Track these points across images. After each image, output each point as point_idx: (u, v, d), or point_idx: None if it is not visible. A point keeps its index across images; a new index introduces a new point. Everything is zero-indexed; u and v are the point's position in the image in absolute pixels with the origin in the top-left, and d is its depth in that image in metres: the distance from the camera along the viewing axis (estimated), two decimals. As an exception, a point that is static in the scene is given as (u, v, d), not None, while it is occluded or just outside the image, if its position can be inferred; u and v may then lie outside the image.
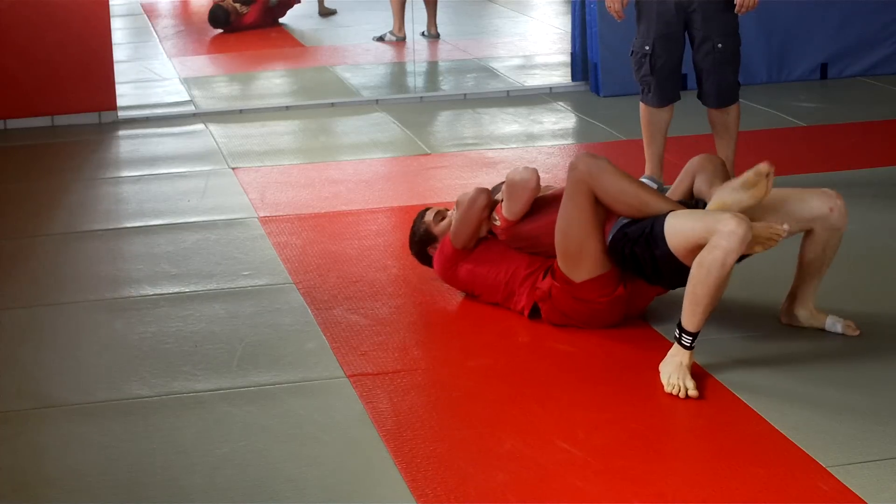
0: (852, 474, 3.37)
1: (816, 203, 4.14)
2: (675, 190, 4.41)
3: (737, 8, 5.44)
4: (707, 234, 3.84)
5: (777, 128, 6.97)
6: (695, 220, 3.95)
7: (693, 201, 4.29)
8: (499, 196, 4.49)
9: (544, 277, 4.34)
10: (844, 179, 5.89)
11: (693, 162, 4.39)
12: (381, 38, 9.51)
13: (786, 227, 3.95)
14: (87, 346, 4.36)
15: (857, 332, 4.24)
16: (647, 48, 5.56)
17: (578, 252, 4.17)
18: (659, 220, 4.03)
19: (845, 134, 6.87)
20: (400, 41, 9.45)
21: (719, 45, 5.50)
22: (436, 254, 4.61)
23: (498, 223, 4.45)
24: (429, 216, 4.70)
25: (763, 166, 3.97)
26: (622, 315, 4.32)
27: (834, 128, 7.00)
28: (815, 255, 4.19)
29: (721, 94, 5.58)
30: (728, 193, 4.02)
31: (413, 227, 4.74)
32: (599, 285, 4.21)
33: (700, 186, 4.29)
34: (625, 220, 4.15)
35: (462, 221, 4.48)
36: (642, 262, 4.09)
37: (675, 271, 4.02)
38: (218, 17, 10.08)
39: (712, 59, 5.52)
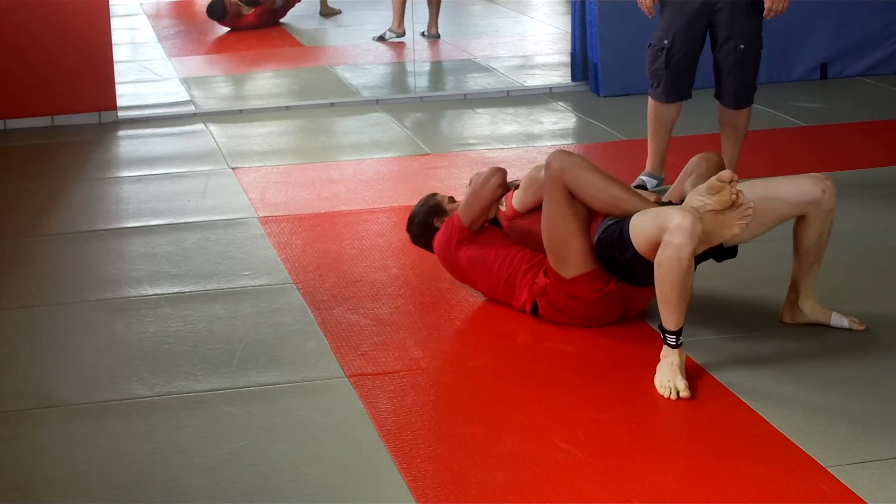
0: (852, 474, 3.37)
1: (808, 187, 4.15)
2: (676, 188, 4.40)
3: (766, 12, 5.44)
4: (659, 230, 3.86)
5: (777, 128, 6.97)
6: (650, 217, 3.96)
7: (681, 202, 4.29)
8: (515, 182, 4.49)
9: (542, 272, 4.34)
10: (844, 179, 5.87)
11: (692, 161, 4.40)
12: (381, 38, 9.50)
13: (751, 203, 3.95)
14: (87, 346, 4.36)
15: (863, 327, 4.25)
16: (665, 42, 5.55)
17: (564, 249, 4.18)
18: (627, 221, 4.04)
19: (845, 134, 6.87)
20: (399, 38, 9.44)
21: (742, 46, 5.49)
22: (441, 228, 4.58)
23: (503, 209, 4.45)
24: (440, 196, 4.74)
25: (725, 173, 3.97)
26: (620, 312, 4.32)
27: (834, 128, 7.00)
28: (812, 241, 4.19)
29: (738, 95, 5.57)
30: (695, 197, 4.02)
31: (420, 203, 4.73)
32: (589, 281, 4.21)
33: (687, 188, 4.30)
34: (609, 222, 4.15)
35: (474, 196, 4.47)
36: (620, 265, 4.10)
37: (647, 271, 4.02)
38: (215, 9, 10.12)
39: (733, 60, 5.51)
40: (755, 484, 3.35)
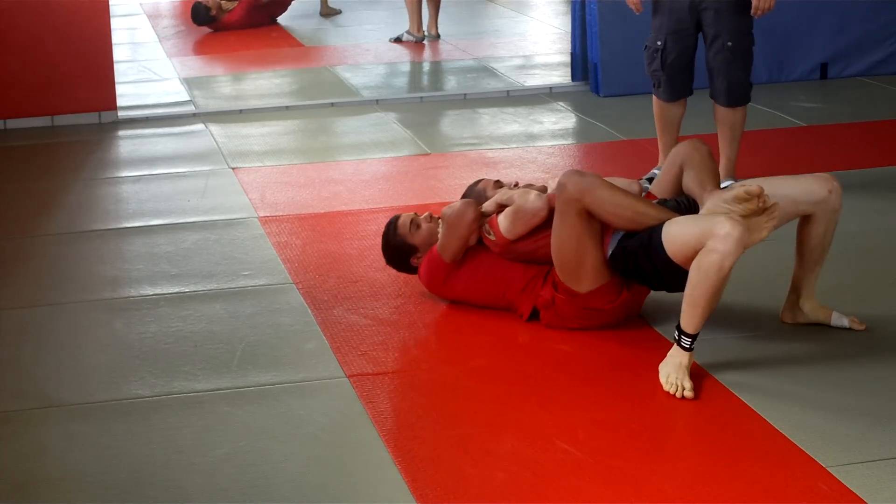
0: (852, 474, 3.37)
1: (815, 187, 4.15)
2: (663, 179, 4.38)
3: (753, 10, 5.44)
4: (703, 237, 3.83)
5: (777, 128, 6.97)
6: (691, 225, 3.94)
7: (683, 197, 4.27)
8: (488, 207, 4.45)
9: (544, 284, 4.33)
10: (845, 179, 5.84)
11: (678, 151, 4.37)
12: (398, 39, 9.49)
13: (777, 204, 3.95)
14: (87, 346, 4.36)
15: (863, 327, 4.24)
16: (658, 43, 5.60)
17: (578, 267, 4.17)
18: (656, 229, 4.03)
19: (845, 134, 6.87)
20: (419, 41, 9.44)
21: (729, 44, 5.50)
22: (423, 266, 4.54)
23: (492, 238, 4.41)
24: (402, 227, 4.59)
25: (754, 188, 3.94)
26: (626, 315, 4.32)
27: (834, 128, 7.00)
28: (817, 241, 4.19)
29: (732, 92, 5.58)
30: (719, 205, 4.00)
31: (386, 237, 4.64)
32: (604, 293, 4.21)
33: (689, 184, 4.25)
34: (623, 233, 4.14)
35: (451, 236, 4.42)
36: (646, 272, 4.09)
37: (677, 277, 4.01)
38: (199, 12, 10.10)
39: (722, 58, 5.53)
40: (755, 484, 3.35)
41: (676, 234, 3.97)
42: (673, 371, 3.88)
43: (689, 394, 3.82)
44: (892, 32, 7.97)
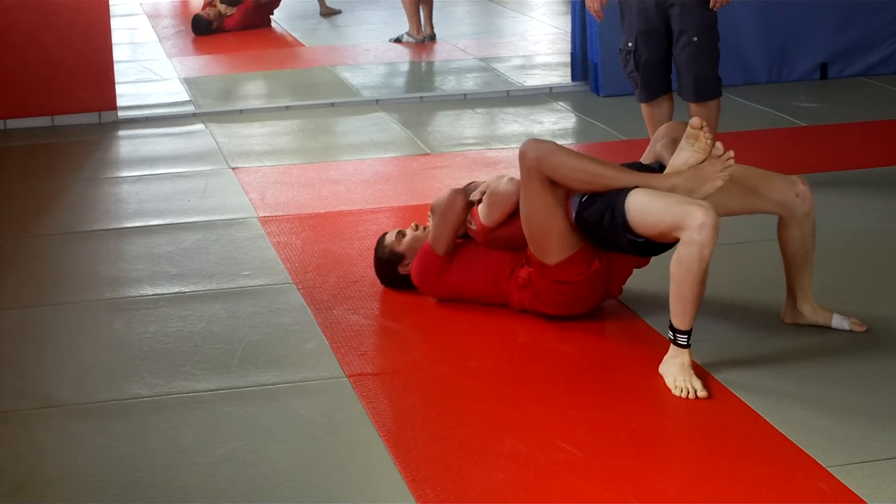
0: (852, 474, 3.37)
1: (783, 187, 4.15)
2: (646, 155, 4.40)
3: (711, 3, 5.43)
4: (676, 226, 3.84)
5: (777, 128, 6.97)
6: (661, 208, 3.92)
7: (655, 163, 4.26)
8: (474, 196, 4.47)
9: (523, 266, 4.35)
10: (844, 179, 5.89)
11: (660, 131, 4.39)
12: (398, 40, 9.49)
13: (731, 152, 3.98)
14: (87, 346, 4.36)
15: (864, 328, 4.24)
16: (630, 45, 5.60)
17: (545, 237, 4.18)
18: (618, 202, 4.01)
19: (845, 134, 6.87)
20: (419, 42, 9.44)
21: (695, 39, 5.48)
22: (415, 264, 4.55)
23: (474, 227, 4.43)
24: (388, 239, 4.67)
25: (695, 120, 3.99)
26: (604, 292, 4.33)
27: (834, 128, 7.00)
28: (796, 244, 4.18)
29: (698, 87, 5.55)
30: (677, 156, 4.03)
31: (376, 254, 4.71)
32: (574, 264, 4.21)
33: (660, 151, 4.27)
34: (582, 199, 4.14)
35: (442, 224, 4.45)
36: (608, 243, 4.10)
37: (646, 250, 4.05)
38: (199, 25, 10.08)
39: (688, 53, 5.51)
40: (755, 484, 3.35)
41: (644, 213, 3.95)
42: (678, 373, 3.87)
43: (702, 393, 3.80)
44: (892, 32, 7.97)
